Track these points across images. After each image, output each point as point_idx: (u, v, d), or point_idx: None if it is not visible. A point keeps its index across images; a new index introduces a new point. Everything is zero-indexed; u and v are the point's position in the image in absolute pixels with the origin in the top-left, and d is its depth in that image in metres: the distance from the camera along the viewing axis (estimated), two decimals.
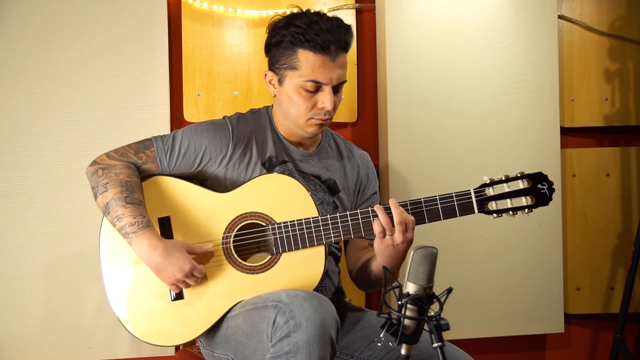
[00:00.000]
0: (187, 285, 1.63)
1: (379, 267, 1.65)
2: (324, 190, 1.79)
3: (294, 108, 1.71)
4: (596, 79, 2.52)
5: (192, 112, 2.29)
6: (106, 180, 1.64)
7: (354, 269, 1.82)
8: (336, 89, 1.70)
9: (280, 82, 1.72)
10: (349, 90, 2.38)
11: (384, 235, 1.58)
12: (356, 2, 2.40)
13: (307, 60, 1.65)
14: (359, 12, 2.42)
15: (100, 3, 2.21)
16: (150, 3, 2.24)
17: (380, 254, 1.61)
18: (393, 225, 1.57)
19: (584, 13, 2.51)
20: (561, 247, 2.44)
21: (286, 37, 1.66)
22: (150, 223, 1.61)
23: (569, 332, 2.62)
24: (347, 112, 2.39)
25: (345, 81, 1.71)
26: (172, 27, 2.30)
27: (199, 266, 1.60)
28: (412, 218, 1.60)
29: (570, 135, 2.56)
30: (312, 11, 1.71)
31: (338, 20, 1.68)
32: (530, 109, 2.40)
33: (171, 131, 2.17)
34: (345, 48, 1.69)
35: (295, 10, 1.75)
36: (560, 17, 2.47)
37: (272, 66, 1.74)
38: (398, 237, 1.57)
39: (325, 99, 1.68)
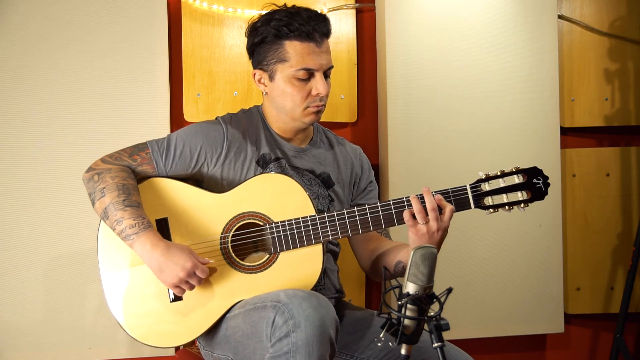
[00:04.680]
0: (191, 287, 1.61)
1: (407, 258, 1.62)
2: (319, 184, 1.80)
3: (289, 100, 1.72)
4: (596, 79, 2.52)
5: (192, 112, 2.29)
6: (102, 185, 1.64)
7: (370, 260, 1.80)
8: (326, 75, 1.72)
9: (271, 77, 1.73)
10: (349, 90, 2.38)
11: (414, 223, 1.57)
12: (356, 2, 2.40)
13: (294, 50, 1.67)
14: (359, 12, 2.42)
15: (100, 3, 2.21)
16: (150, 3, 2.24)
17: (414, 244, 1.59)
18: (427, 214, 1.57)
19: (584, 13, 2.51)
20: (561, 247, 2.44)
21: (270, 32, 1.68)
22: (150, 224, 1.61)
23: (569, 332, 2.62)
24: (347, 112, 2.39)
25: (332, 66, 1.74)
26: (172, 27, 2.30)
27: (202, 265, 1.60)
28: (450, 206, 1.59)
29: (570, 135, 2.56)
30: (287, 6, 1.73)
31: (314, 11, 1.72)
32: (530, 109, 2.40)
33: (171, 131, 2.17)
34: (327, 35, 1.72)
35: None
36: (560, 17, 2.47)
37: (259, 64, 1.75)
38: (433, 224, 1.56)
39: (318, 85, 1.69)
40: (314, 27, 1.67)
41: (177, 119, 2.29)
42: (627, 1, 2.52)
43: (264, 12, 2.28)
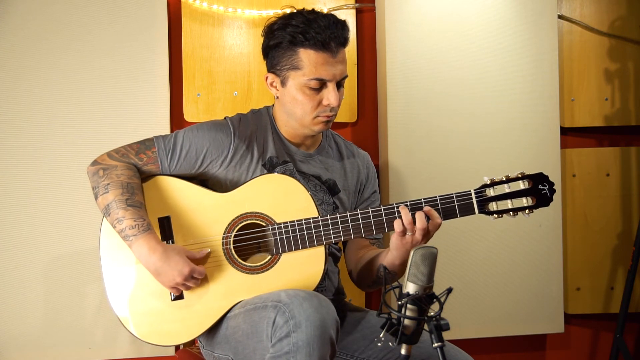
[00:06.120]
0: (188, 288, 1.63)
1: (390, 262, 1.64)
2: (324, 190, 1.79)
3: (299, 108, 1.71)
4: (596, 79, 2.52)
5: (192, 112, 2.29)
6: (107, 182, 1.64)
7: (356, 268, 1.82)
8: (339, 85, 1.71)
9: (283, 83, 1.72)
10: (349, 90, 2.38)
11: (404, 234, 1.58)
12: (356, 2, 2.40)
13: (309, 59, 1.65)
14: (359, 12, 2.42)
15: (100, 3, 2.21)
16: (150, 3, 2.24)
17: (396, 249, 1.61)
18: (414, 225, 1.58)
19: (584, 13, 2.51)
20: (561, 247, 2.43)
21: (285, 37, 1.66)
22: (151, 226, 1.61)
23: (569, 332, 2.62)
24: (347, 112, 2.39)
25: (347, 76, 1.72)
26: (172, 27, 2.30)
27: (198, 268, 1.61)
28: (439, 221, 1.60)
29: (570, 135, 2.56)
30: (306, 10, 1.71)
31: (334, 17, 1.69)
32: (530, 109, 2.40)
33: (171, 131, 2.17)
34: (344, 43, 1.70)
35: (288, 11, 1.75)
36: (560, 17, 2.47)
37: (273, 68, 1.73)
38: (419, 237, 1.58)
39: (330, 95, 1.68)
40: (330, 36, 1.64)
41: (177, 119, 2.29)
42: (627, 1, 2.52)
43: (263, 12, 2.30)
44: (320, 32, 1.63)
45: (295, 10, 1.72)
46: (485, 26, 2.37)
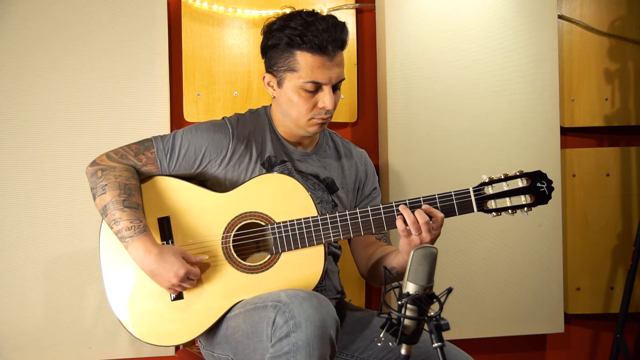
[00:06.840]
0: (184, 289, 1.63)
1: (400, 265, 1.64)
2: (322, 189, 1.80)
3: (294, 109, 1.71)
4: (596, 79, 2.52)
5: (192, 112, 2.29)
6: (105, 183, 1.64)
7: (366, 266, 1.81)
8: (335, 87, 1.71)
9: (280, 84, 1.72)
10: (349, 90, 2.38)
11: (408, 233, 1.58)
12: (356, 2, 2.40)
13: (305, 62, 1.65)
14: (359, 12, 2.42)
15: (100, 3, 2.21)
16: (150, 3, 2.24)
17: (406, 252, 1.60)
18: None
19: (584, 13, 2.51)
20: (561, 247, 2.43)
21: (283, 39, 1.66)
22: (147, 228, 1.61)
23: (569, 332, 2.62)
24: (347, 112, 2.39)
25: (343, 79, 1.72)
26: (172, 27, 2.30)
27: (194, 269, 1.61)
28: (441, 215, 1.60)
29: (570, 135, 2.56)
30: (306, 11, 1.70)
31: (333, 19, 1.68)
32: (530, 109, 2.40)
33: (171, 131, 2.17)
34: (342, 46, 1.69)
35: (288, 11, 1.74)
36: (560, 17, 2.47)
37: (270, 68, 1.74)
38: (426, 236, 1.57)
39: (325, 98, 1.68)
40: (327, 39, 1.63)
41: (177, 119, 2.29)
42: (627, 1, 2.52)
43: (263, 12, 2.30)
44: (318, 35, 1.63)
45: (294, 11, 1.72)
46: (485, 26, 2.37)
